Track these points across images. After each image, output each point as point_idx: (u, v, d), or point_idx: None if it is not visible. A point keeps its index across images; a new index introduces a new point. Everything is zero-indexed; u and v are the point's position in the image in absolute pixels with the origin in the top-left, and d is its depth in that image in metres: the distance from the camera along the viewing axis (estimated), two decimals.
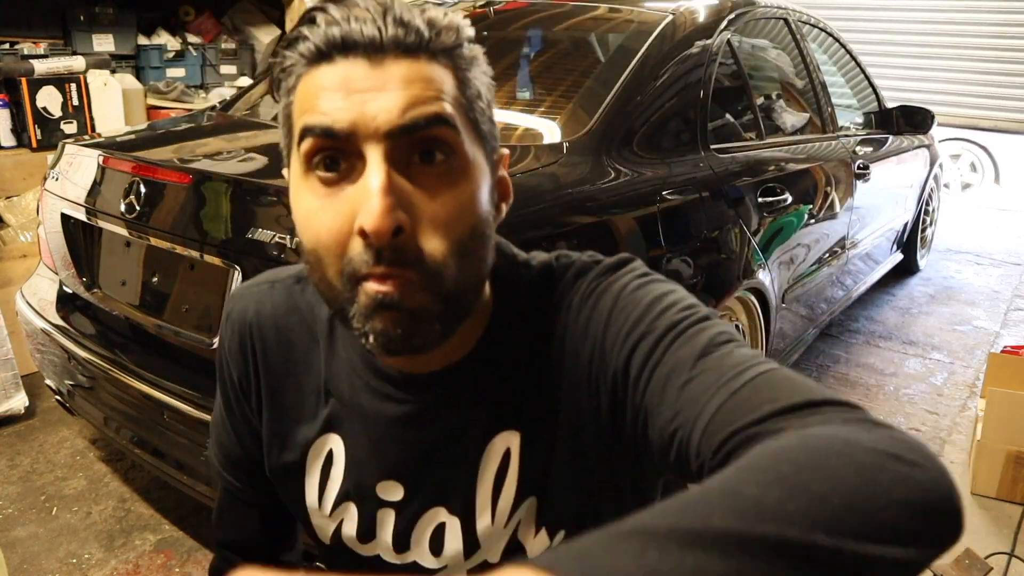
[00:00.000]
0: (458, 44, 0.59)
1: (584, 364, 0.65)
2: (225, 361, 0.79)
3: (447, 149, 0.57)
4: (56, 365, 2.05)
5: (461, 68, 0.59)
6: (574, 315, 0.66)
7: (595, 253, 0.71)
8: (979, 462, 2.37)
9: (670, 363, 0.58)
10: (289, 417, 0.76)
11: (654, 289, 0.64)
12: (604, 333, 0.64)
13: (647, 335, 0.61)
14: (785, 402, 0.50)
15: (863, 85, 3.63)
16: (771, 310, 2.35)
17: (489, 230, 0.61)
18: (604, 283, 0.66)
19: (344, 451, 0.73)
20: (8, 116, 3.04)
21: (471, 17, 2.48)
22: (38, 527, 2.08)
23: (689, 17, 2.25)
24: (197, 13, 3.78)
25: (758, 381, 0.53)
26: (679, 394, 0.56)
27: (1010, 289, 4.38)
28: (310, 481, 0.76)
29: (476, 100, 0.60)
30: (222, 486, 0.86)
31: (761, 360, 0.56)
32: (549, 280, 0.69)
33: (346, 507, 0.74)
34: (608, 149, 1.84)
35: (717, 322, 0.61)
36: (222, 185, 1.68)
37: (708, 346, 0.58)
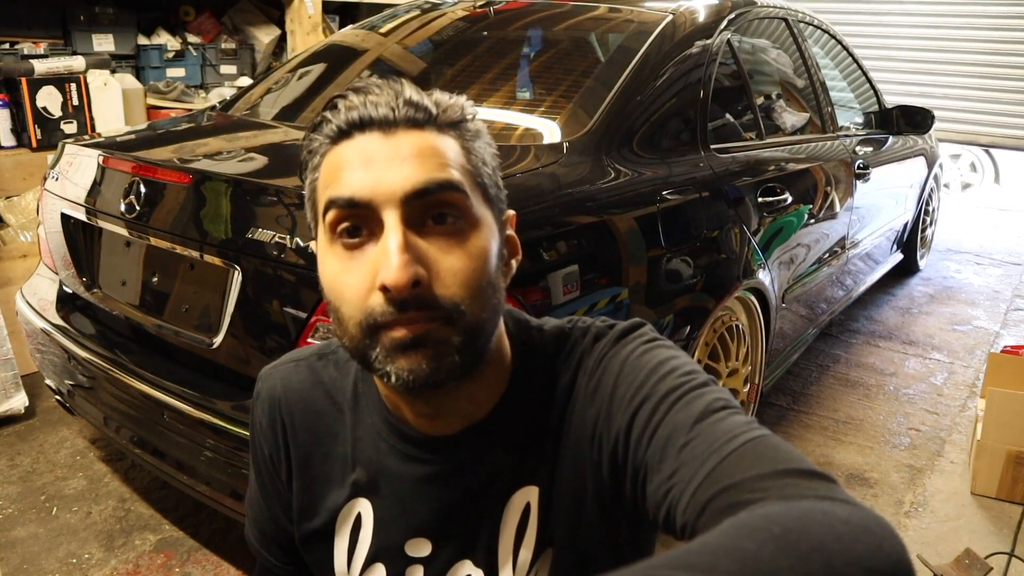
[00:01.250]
0: (462, 119, 0.67)
1: (590, 424, 0.70)
2: (257, 438, 0.84)
3: (457, 211, 0.63)
4: (56, 365, 2.05)
5: (466, 139, 0.67)
6: (587, 377, 0.71)
7: (607, 318, 0.77)
8: (979, 462, 2.37)
9: (670, 426, 0.62)
10: (317, 486, 0.80)
11: (659, 355, 0.69)
12: (611, 395, 0.68)
13: (649, 398, 0.65)
14: (768, 468, 0.54)
15: (863, 85, 3.63)
16: (771, 310, 2.35)
17: (499, 281, 0.67)
18: (615, 348, 0.71)
19: (372, 514, 0.77)
20: (8, 116, 3.03)
21: (471, 17, 2.48)
22: (38, 527, 2.08)
23: (689, 17, 2.25)
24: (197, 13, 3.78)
25: (747, 447, 0.57)
26: (677, 456, 0.60)
27: (1010, 289, 4.37)
28: (339, 546, 0.79)
29: (482, 167, 0.67)
30: (259, 564, 0.91)
31: (753, 427, 0.60)
32: (564, 343, 0.75)
33: (374, 568, 0.78)
34: (608, 149, 1.84)
35: (715, 388, 0.65)
36: (222, 185, 1.68)
37: (705, 411, 0.62)
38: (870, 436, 2.71)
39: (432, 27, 2.53)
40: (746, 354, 2.32)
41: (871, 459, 2.57)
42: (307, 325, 1.51)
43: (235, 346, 1.64)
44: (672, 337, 1.90)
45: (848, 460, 2.55)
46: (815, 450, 2.60)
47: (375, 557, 0.77)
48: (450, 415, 0.72)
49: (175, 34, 3.68)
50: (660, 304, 1.85)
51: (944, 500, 2.36)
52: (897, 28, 5.99)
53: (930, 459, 2.58)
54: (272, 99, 2.40)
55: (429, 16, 2.59)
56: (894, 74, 5.88)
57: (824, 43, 3.29)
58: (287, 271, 1.52)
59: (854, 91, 3.60)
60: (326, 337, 1.50)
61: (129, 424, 1.86)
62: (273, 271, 1.55)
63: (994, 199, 6.64)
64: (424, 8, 2.67)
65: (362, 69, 2.42)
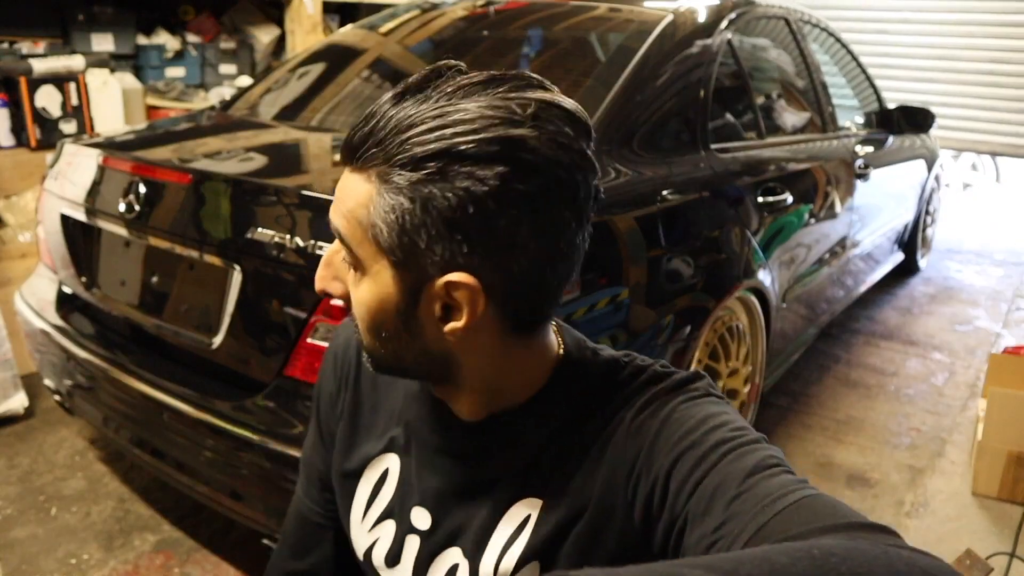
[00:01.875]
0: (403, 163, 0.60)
1: (628, 463, 0.68)
2: (323, 377, 0.90)
3: (348, 253, 0.66)
4: (55, 365, 2.05)
5: (386, 188, 0.61)
6: (633, 414, 0.69)
7: (667, 364, 0.74)
8: (980, 462, 2.36)
9: (717, 477, 0.60)
10: (360, 431, 0.85)
11: (709, 408, 0.67)
12: (655, 438, 0.66)
13: (695, 446, 0.63)
14: (826, 523, 0.52)
15: (863, 85, 3.63)
16: (771, 310, 2.35)
17: (379, 337, 0.67)
18: (668, 396, 0.69)
19: (399, 471, 0.80)
20: (7, 116, 3.03)
21: (471, 16, 2.47)
22: (37, 527, 2.08)
23: (689, 17, 2.25)
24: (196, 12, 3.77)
25: (801, 504, 0.55)
26: (725, 509, 0.57)
27: (1011, 289, 4.37)
28: (360, 492, 0.83)
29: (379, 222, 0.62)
30: (295, 515, 0.95)
31: (807, 486, 0.58)
32: (614, 373, 0.73)
33: (385, 524, 0.81)
34: (608, 148, 1.83)
35: (766, 446, 0.63)
36: (222, 185, 1.68)
37: (757, 467, 0.59)
38: (871, 436, 2.71)
39: (432, 27, 2.52)
40: (746, 354, 2.31)
41: (872, 459, 2.56)
42: (307, 325, 1.51)
43: (235, 346, 1.64)
44: (672, 337, 1.89)
45: (848, 460, 2.55)
46: (815, 450, 2.60)
47: (389, 513, 0.80)
48: (460, 407, 0.73)
49: (174, 34, 3.68)
50: (660, 304, 1.85)
51: (945, 500, 2.36)
52: (897, 36, 6.02)
53: (931, 459, 2.58)
54: (272, 99, 2.40)
55: (429, 16, 2.59)
56: (894, 81, 5.90)
57: (824, 43, 3.28)
58: (287, 271, 1.52)
59: (854, 91, 3.60)
60: (326, 337, 1.50)
61: (128, 424, 1.86)
62: (273, 271, 1.54)
63: (994, 199, 6.64)
64: (424, 8, 2.67)
65: (362, 69, 2.42)
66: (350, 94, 2.29)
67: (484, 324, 0.65)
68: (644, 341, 1.81)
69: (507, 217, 0.59)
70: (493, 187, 0.58)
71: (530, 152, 0.59)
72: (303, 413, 1.53)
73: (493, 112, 0.59)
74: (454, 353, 0.68)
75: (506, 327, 0.67)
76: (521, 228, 0.60)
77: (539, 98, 0.61)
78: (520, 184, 0.59)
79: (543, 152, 0.59)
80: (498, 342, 0.67)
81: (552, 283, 0.66)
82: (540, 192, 0.60)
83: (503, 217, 0.59)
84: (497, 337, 0.67)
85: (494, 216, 0.59)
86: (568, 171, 0.61)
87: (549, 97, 0.61)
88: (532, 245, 0.61)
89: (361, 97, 2.28)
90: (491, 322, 0.66)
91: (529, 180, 0.59)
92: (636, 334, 1.78)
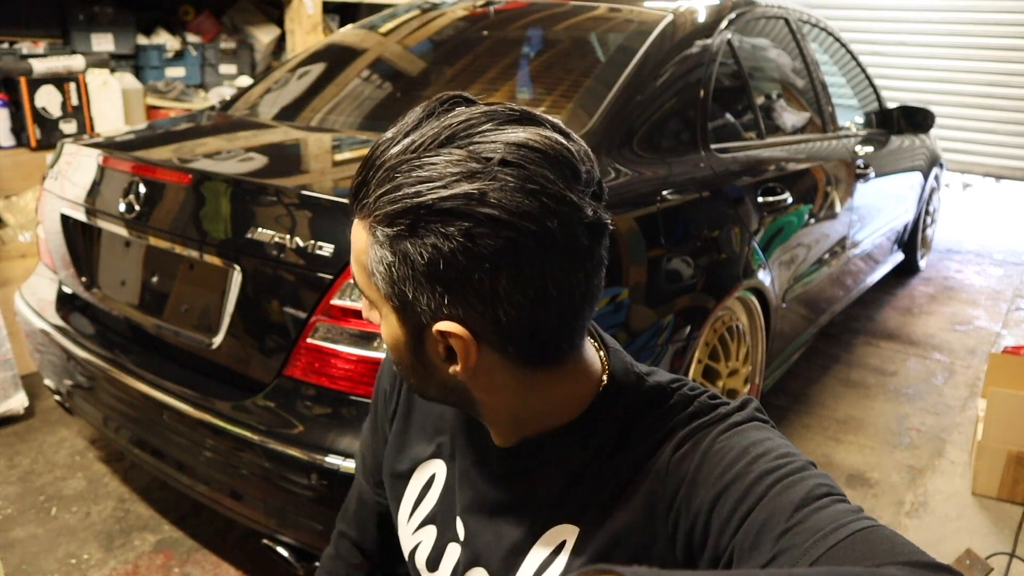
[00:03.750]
0: (385, 216, 0.60)
1: (668, 496, 0.66)
2: (379, 379, 0.94)
3: (363, 294, 0.69)
4: (55, 365, 2.05)
5: (376, 239, 0.62)
6: (674, 447, 0.68)
7: (718, 393, 0.73)
8: (980, 462, 2.36)
9: (766, 510, 0.58)
10: (411, 433, 0.87)
11: (751, 436, 0.66)
12: (695, 473, 0.65)
13: (739, 479, 0.62)
14: (884, 560, 0.50)
15: (863, 85, 3.63)
16: (771, 310, 2.35)
17: (404, 369, 0.70)
18: (709, 429, 0.68)
19: (444, 478, 0.82)
20: (7, 116, 3.03)
21: (471, 16, 2.47)
22: (37, 527, 2.08)
23: (689, 17, 2.25)
24: (197, 12, 3.77)
25: (856, 537, 0.53)
26: (774, 544, 0.56)
27: (1011, 289, 4.37)
28: (408, 494, 0.85)
29: (376, 271, 0.64)
30: (356, 487, 1.00)
31: (862, 516, 0.56)
32: (661, 402, 0.71)
33: (428, 529, 0.82)
34: (608, 149, 1.83)
35: (815, 472, 0.62)
36: (222, 185, 1.68)
37: (807, 498, 0.58)
38: (871, 436, 2.71)
39: (432, 27, 2.52)
40: (746, 354, 2.31)
41: (872, 459, 2.56)
42: (307, 325, 1.51)
43: (235, 346, 1.64)
44: (672, 337, 1.89)
45: (848, 460, 2.55)
46: (815, 450, 2.60)
47: (432, 519, 0.82)
48: (491, 430, 0.75)
49: (175, 34, 3.68)
50: (660, 304, 1.85)
51: (945, 500, 2.36)
52: (895, 58, 6.10)
53: (931, 459, 2.58)
54: (272, 99, 2.40)
55: (429, 16, 2.59)
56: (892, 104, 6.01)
57: (824, 43, 3.28)
58: (287, 271, 1.52)
59: (854, 91, 3.60)
60: (326, 337, 1.50)
61: (128, 424, 1.86)
62: (273, 271, 1.54)
63: (994, 199, 6.64)
64: (424, 8, 2.67)
65: (362, 69, 2.42)
66: (350, 94, 2.29)
67: (490, 364, 0.65)
68: (644, 341, 1.81)
69: (481, 270, 0.59)
70: (460, 243, 0.58)
71: (491, 206, 0.57)
72: (303, 413, 1.53)
73: (457, 167, 0.58)
74: (470, 388, 0.68)
75: (518, 363, 0.65)
76: (499, 280, 0.59)
77: (512, 141, 0.59)
78: (487, 239, 0.58)
79: (506, 204, 0.57)
80: (514, 377, 0.66)
81: (551, 324, 0.63)
82: (510, 245, 0.58)
83: (476, 270, 0.59)
84: (511, 373, 0.66)
85: (467, 270, 0.59)
86: (539, 220, 0.58)
87: (523, 138, 0.59)
88: (516, 295, 0.60)
89: (361, 97, 2.28)
90: (498, 362, 0.65)
91: (497, 234, 0.58)
92: (636, 334, 1.79)
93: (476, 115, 0.61)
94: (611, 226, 0.64)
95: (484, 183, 0.57)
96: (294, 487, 1.49)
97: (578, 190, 0.61)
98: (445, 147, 0.59)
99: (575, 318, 0.65)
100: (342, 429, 1.48)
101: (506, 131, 0.60)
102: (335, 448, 1.46)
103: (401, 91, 2.27)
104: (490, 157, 0.58)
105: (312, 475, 1.46)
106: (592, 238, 0.62)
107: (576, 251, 0.61)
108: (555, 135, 0.61)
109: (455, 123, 0.60)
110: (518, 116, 0.61)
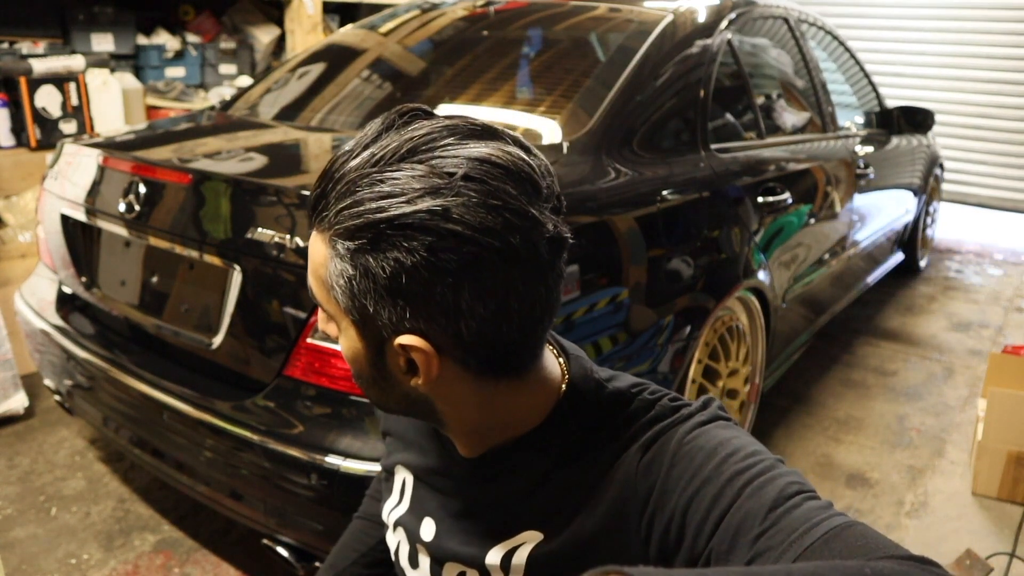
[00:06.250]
0: (343, 232, 0.60)
1: (640, 501, 0.67)
2: None
3: (321, 307, 0.68)
4: (55, 365, 2.05)
5: (335, 252, 0.62)
6: (639, 451, 0.68)
7: (679, 396, 0.73)
8: (980, 462, 2.36)
9: (740, 513, 0.59)
10: (395, 440, 0.89)
11: (718, 435, 0.66)
12: (666, 477, 0.65)
13: (709, 482, 0.62)
14: (859, 557, 0.51)
15: (863, 85, 3.63)
16: (771, 310, 2.35)
17: (364, 383, 0.70)
18: (673, 431, 0.68)
19: (412, 486, 0.84)
20: (7, 116, 3.03)
21: (471, 16, 2.47)
22: (37, 527, 2.08)
23: (689, 17, 2.25)
24: (196, 12, 3.77)
25: (831, 536, 0.54)
26: (751, 546, 0.56)
27: (1011, 289, 4.37)
28: (391, 496, 0.88)
29: (335, 284, 0.63)
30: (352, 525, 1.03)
31: (833, 513, 0.57)
32: (620, 408, 0.72)
33: (400, 531, 0.85)
34: (608, 149, 1.83)
35: (785, 470, 0.62)
36: (222, 185, 1.68)
37: (779, 498, 0.58)
38: (870, 436, 2.71)
39: (432, 27, 2.52)
40: (746, 354, 2.31)
41: (872, 459, 2.56)
42: (307, 325, 1.51)
43: (235, 346, 1.64)
44: (672, 337, 1.90)
45: (848, 460, 2.55)
46: (815, 450, 2.60)
47: (401, 523, 0.84)
48: (456, 441, 0.76)
49: (174, 34, 3.68)
50: (660, 304, 1.85)
51: (945, 500, 2.36)
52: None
53: (931, 459, 2.58)
54: (272, 99, 2.40)
55: (429, 16, 2.59)
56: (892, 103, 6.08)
57: (824, 43, 3.28)
58: (287, 271, 1.52)
59: (854, 91, 3.60)
60: (325, 337, 1.50)
61: (128, 424, 1.86)
62: (273, 271, 1.54)
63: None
64: (424, 8, 2.67)
65: (362, 69, 2.42)
66: (350, 94, 2.29)
67: (452, 376, 0.65)
68: (644, 341, 1.81)
69: (443, 284, 0.59)
70: (423, 258, 0.58)
71: (454, 222, 0.57)
72: (303, 413, 1.53)
73: (420, 182, 0.58)
74: (432, 400, 0.68)
75: (480, 375, 0.66)
76: (461, 294, 0.59)
77: (475, 156, 0.59)
78: (450, 254, 0.58)
79: (469, 220, 0.57)
80: (475, 388, 0.67)
81: (513, 337, 0.64)
82: (473, 260, 0.58)
83: (439, 284, 0.59)
84: (473, 385, 0.67)
85: (429, 284, 0.59)
86: (501, 236, 0.58)
87: (485, 153, 0.59)
88: (478, 308, 0.60)
89: (361, 97, 2.28)
90: (460, 374, 0.65)
91: (459, 249, 0.58)
92: (636, 334, 1.79)
93: (437, 129, 0.61)
94: (571, 240, 0.65)
95: (447, 199, 0.57)
96: (294, 487, 1.49)
97: (539, 205, 0.61)
98: (407, 161, 0.59)
99: (535, 330, 0.65)
100: (342, 429, 1.49)
101: (468, 146, 0.60)
102: (335, 448, 1.46)
103: (401, 91, 2.27)
104: (453, 172, 0.58)
105: (312, 475, 1.46)
106: (553, 252, 0.63)
107: (538, 265, 0.62)
108: (516, 150, 0.61)
109: (416, 136, 0.60)
110: (480, 131, 0.62)
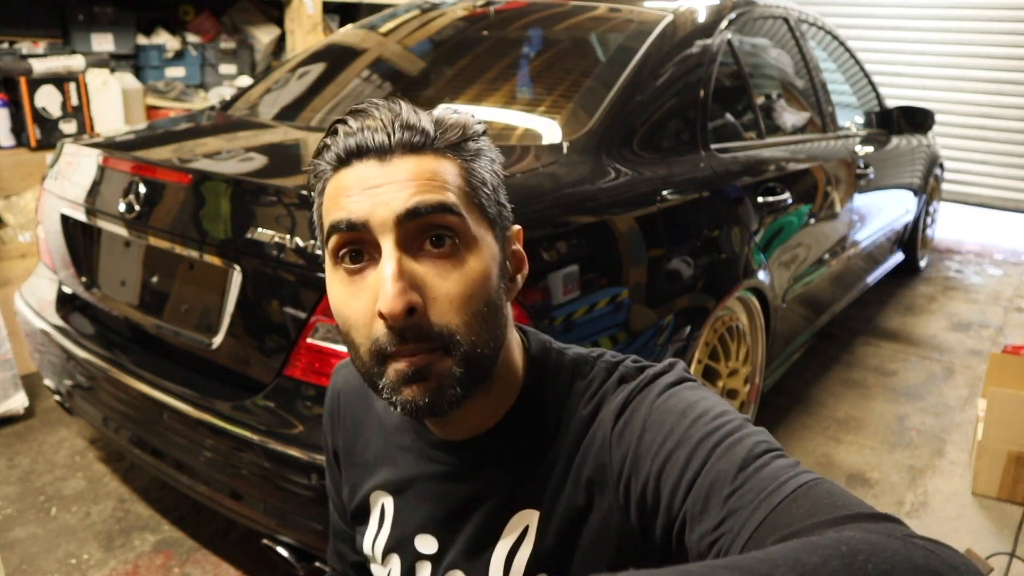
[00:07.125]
0: (463, 139, 0.67)
1: (616, 468, 0.68)
2: (324, 426, 0.92)
3: (453, 233, 0.64)
4: (55, 365, 2.05)
5: (466, 160, 0.67)
6: (612, 417, 0.69)
7: (639, 358, 0.75)
8: (980, 462, 2.36)
9: (711, 474, 0.60)
10: (358, 471, 0.86)
11: (687, 397, 0.67)
12: (639, 440, 0.66)
13: (681, 444, 0.63)
14: (827, 516, 0.52)
15: (863, 85, 3.63)
16: (771, 310, 2.35)
17: (500, 302, 0.68)
18: (643, 392, 0.69)
19: (393, 506, 0.82)
20: (7, 116, 3.03)
21: (471, 16, 2.47)
22: (37, 527, 2.08)
23: (689, 17, 2.25)
24: (196, 12, 3.77)
25: (799, 493, 0.55)
26: (723, 505, 0.58)
27: (1011, 289, 4.37)
28: (368, 533, 0.85)
29: (482, 187, 0.67)
30: (332, 525, 0.98)
31: (800, 470, 0.58)
32: (584, 372, 0.74)
33: (391, 558, 0.82)
34: (608, 149, 1.83)
35: (753, 429, 0.63)
36: (222, 185, 1.68)
37: (748, 457, 0.60)
38: (870, 436, 2.71)
39: (432, 27, 2.52)
40: (746, 354, 2.31)
41: (871, 459, 2.56)
42: (307, 325, 1.51)
43: (235, 346, 1.64)
44: (672, 337, 1.90)
45: (848, 460, 2.55)
46: (815, 450, 2.60)
47: (392, 548, 0.82)
48: (457, 424, 0.74)
49: (174, 33, 3.68)
50: (660, 304, 1.85)
51: (945, 500, 2.36)
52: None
53: (931, 459, 2.58)
54: (272, 99, 2.40)
55: (429, 16, 2.59)
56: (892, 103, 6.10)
57: (824, 43, 3.28)
58: (287, 271, 1.52)
59: (854, 91, 3.60)
60: (326, 337, 1.50)
61: (128, 424, 1.86)
62: (273, 271, 1.54)
63: None
64: (424, 8, 2.67)
65: (362, 69, 2.42)
66: (350, 94, 2.29)
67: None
68: (644, 341, 1.81)
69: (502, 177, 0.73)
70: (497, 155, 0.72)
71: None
72: (303, 413, 1.53)
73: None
74: (508, 322, 0.71)
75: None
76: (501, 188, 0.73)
77: None
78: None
79: None
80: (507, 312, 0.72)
81: None
82: None
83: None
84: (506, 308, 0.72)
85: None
86: None
87: None
88: None
89: (361, 97, 2.28)
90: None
91: None
92: (636, 334, 1.79)
93: None
94: None
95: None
96: (294, 487, 1.49)
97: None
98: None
99: None
100: None
101: None
102: None
103: (401, 91, 2.27)
104: None
105: (312, 475, 1.46)
106: None
107: None
108: None
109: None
110: None
